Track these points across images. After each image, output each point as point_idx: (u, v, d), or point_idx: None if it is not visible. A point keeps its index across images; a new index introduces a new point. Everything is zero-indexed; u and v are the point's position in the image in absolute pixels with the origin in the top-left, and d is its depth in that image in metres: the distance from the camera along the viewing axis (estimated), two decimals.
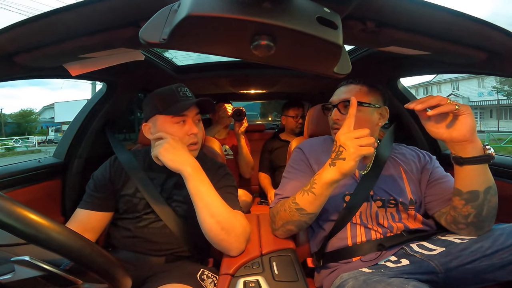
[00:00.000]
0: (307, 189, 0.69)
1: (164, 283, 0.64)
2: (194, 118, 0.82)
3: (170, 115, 0.78)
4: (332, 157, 0.65)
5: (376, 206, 0.78)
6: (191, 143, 0.80)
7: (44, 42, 0.61)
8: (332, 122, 0.87)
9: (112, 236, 0.84)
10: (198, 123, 0.83)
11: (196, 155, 0.82)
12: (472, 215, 0.66)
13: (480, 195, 0.64)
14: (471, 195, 0.65)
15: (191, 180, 0.70)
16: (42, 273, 0.39)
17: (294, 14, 0.36)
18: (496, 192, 0.65)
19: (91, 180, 0.84)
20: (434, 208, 0.77)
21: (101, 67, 0.80)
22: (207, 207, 0.69)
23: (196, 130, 0.80)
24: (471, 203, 0.65)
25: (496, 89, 18.37)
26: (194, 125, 0.80)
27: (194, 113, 0.82)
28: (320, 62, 0.46)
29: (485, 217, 0.65)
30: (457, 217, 0.69)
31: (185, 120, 0.80)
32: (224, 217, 0.69)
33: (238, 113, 1.65)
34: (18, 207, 0.36)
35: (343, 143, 0.63)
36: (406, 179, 0.82)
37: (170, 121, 0.79)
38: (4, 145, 15.52)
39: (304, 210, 0.70)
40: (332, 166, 0.65)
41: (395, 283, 0.53)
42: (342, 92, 0.87)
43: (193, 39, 0.40)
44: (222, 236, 0.69)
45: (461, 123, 0.61)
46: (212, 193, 0.70)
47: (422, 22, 0.55)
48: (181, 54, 1.51)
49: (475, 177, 0.64)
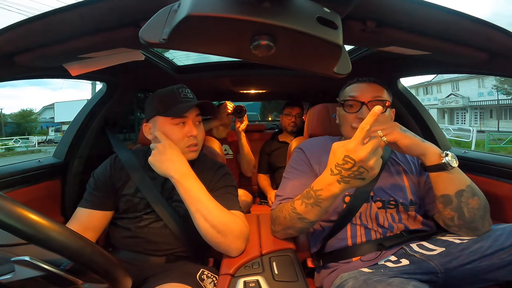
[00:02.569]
0: (311, 202, 0.64)
1: (164, 283, 0.64)
2: (195, 119, 0.82)
3: (170, 117, 0.78)
4: (344, 175, 0.56)
5: (376, 207, 0.77)
6: (190, 145, 0.80)
7: (44, 42, 0.62)
8: (358, 121, 0.80)
9: (112, 236, 0.84)
10: (198, 125, 0.83)
11: (196, 156, 0.83)
12: (456, 218, 0.67)
13: (453, 199, 0.66)
14: (444, 198, 0.68)
15: (179, 186, 0.70)
16: (42, 273, 0.39)
17: (294, 14, 0.36)
18: (475, 193, 0.65)
19: (92, 179, 0.84)
20: (433, 210, 0.78)
21: (101, 67, 0.80)
22: (199, 212, 0.69)
23: (195, 132, 0.79)
24: (448, 206, 0.67)
25: (496, 87, 18.37)
26: (194, 127, 0.80)
27: (194, 114, 0.81)
28: (320, 62, 0.46)
29: (470, 219, 0.65)
30: (444, 219, 0.71)
31: (185, 121, 0.80)
32: (218, 220, 0.69)
33: (239, 110, 1.64)
34: (18, 207, 0.36)
35: (365, 164, 0.53)
36: (406, 179, 0.82)
37: (170, 123, 0.79)
38: (4, 145, 15.52)
39: (307, 219, 0.68)
40: (343, 183, 0.57)
41: (395, 283, 0.53)
42: (368, 90, 0.82)
43: (193, 39, 0.41)
44: (218, 239, 0.69)
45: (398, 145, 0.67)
46: (203, 198, 0.70)
47: (422, 22, 0.55)
48: (181, 54, 1.50)
49: (442, 182, 0.67)
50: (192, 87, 0.88)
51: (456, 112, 23.10)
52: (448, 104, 22.64)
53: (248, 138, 1.79)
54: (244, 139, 1.68)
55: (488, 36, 0.58)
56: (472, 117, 21.42)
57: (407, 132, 0.69)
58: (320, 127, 1.08)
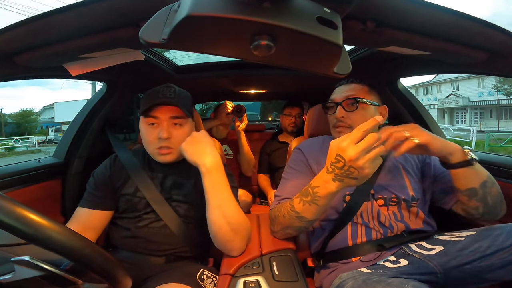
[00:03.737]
0: (308, 200, 0.65)
1: (164, 283, 0.64)
2: (169, 121, 0.78)
3: (143, 116, 0.78)
4: (337, 173, 0.57)
5: (378, 205, 0.78)
6: (161, 147, 0.77)
7: (44, 42, 0.61)
8: (335, 120, 0.86)
9: (112, 236, 0.84)
10: (174, 127, 0.79)
11: (168, 160, 0.79)
12: (481, 207, 0.71)
13: (478, 190, 0.70)
14: (470, 191, 0.71)
15: (208, 177, 0.68)
16: (42, 273, 0.39)
17: (294, 14, 0.36)
18: (494, 182, 0.71)
19: (92, 178, 0.84)
20: (449, 202, 0.79)
21: (101, 67, 0.80)
22: (220, 207, 0.68)
23: (165, 135, 0.75)
24: (474, 198, 0.71)
25: (496, 87, 18.37)
26: (165, 129, 0.76)
27: (168, 116, 0.78)
28: (320, 62, 0.46)
29: (493, 205, 0.71)
30: (468, 209, 0.75)
31: (157, 122, 0.78)
32: (235, 218, 0.69)
33: (238, 109, 1.64)
34: (18, 207, 0.36)
35: (354, 164, 0.53)
36: (406, 176, 0.82)
37: (144, 122, 0.78)
38: (4, 145, 15.52)
39: (306, 218, 0.69)
40: (338, 181, 0.58)
41: (394, 283, 0.53)
42: (344, 90, 0.87)
43: (193, 39, 0.40)
44: (229, 236, 0.68)
45: (428, 147, 0.67)
46: (227, 194, 0.70)
47: (422, 22, 0.55)
48: (181, 54, 1.50)
49: (466, 177, 0.70)
50: (192, 87, 0.88)
51: (456, 112, 23.11)
52: (448, 104, 22.65)
53: (248, 138, 1.79)
54: (244, 139, 1.68)
55: (488, 36, 0.58)
56: (472, 117, 21.43)
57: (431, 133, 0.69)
58: (320, 127, 1.08)
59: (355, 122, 0.82)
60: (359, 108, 0.83)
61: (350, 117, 0.83)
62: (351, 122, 0.83)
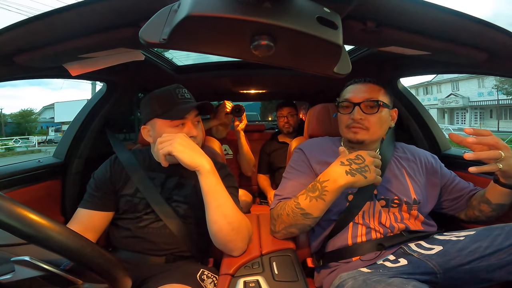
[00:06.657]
0: (315, 195, 0.68)
1: (164, 283, 0.64)
2: (193, 120, 0.81)
3: (169, 119, 0.77)
4: (353, 167, 0.66)
5: (380, 206, 0.78)
6: None
7: (44, 42, 0.61)
8: (351, 121, 0.82)
9: (112, 236, 0.84)
10: (197, 125, 0.82)
11: None
12: (495, 215, 0.79)
13: (506, 207, 0.77)
14: (498, 206, 0.76)
15: (207, 178, 0.68)
16: (42, 273, 0.39)
17: (294, 14, 0.36)
18: None
19: (92, 179, 0.84)
20: (459, 208, 0.85)
21: (101, 67, 0.80)
22: (220, 208, 0.68)
23: (195, 133, 0.79)
24: (497, 211, 0.77)
25: (496, 87, 18.37)
26: (193, 128, 0.79)
27: (193, 115, 0.81)
28: (320, 62, 0.46)
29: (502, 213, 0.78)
30: (480, 216, 0.80)
31: (185, 123, 0.79)
32: (235, 218, 0.69)
33: (237, 109, 1.64)
34: (18, 207, 0.36)
35: (370, 165, 0.66)
36: (408, 179, 0.82)
37: (169, 125, 0.78)
38: (4, 145, 15.52)
39: (311, 215, 0.69)
40: (350, 175, 0.65)
41: (395, 283, 0.53)
42: (362, 90, 0.83)
43: (193, 39, 0.40)
44: (230, 237, 0.69)
45: (505, 173, 0.67)
46: (226, 194, 0.70)
47: (422, 22, 0.55)
48: (181, 54, 1.50)
49: (507, 196, 0.74)
50: (192, 87, 0.88)
51: (456, 112, 23.11)
52: (448, 104, 22.65)
53: (248, 138, 1.79)
54: (243, 139, 1.68)
55: (488, 36, 0.58)
56: (472, 117, 21.43)
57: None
58: (320, 127, 1.08)
59: (372, 125, 0.80)
60: (378, 111, 0.81)
61: (368, 119, 0.80)
62: (369, 124, 0.80)
